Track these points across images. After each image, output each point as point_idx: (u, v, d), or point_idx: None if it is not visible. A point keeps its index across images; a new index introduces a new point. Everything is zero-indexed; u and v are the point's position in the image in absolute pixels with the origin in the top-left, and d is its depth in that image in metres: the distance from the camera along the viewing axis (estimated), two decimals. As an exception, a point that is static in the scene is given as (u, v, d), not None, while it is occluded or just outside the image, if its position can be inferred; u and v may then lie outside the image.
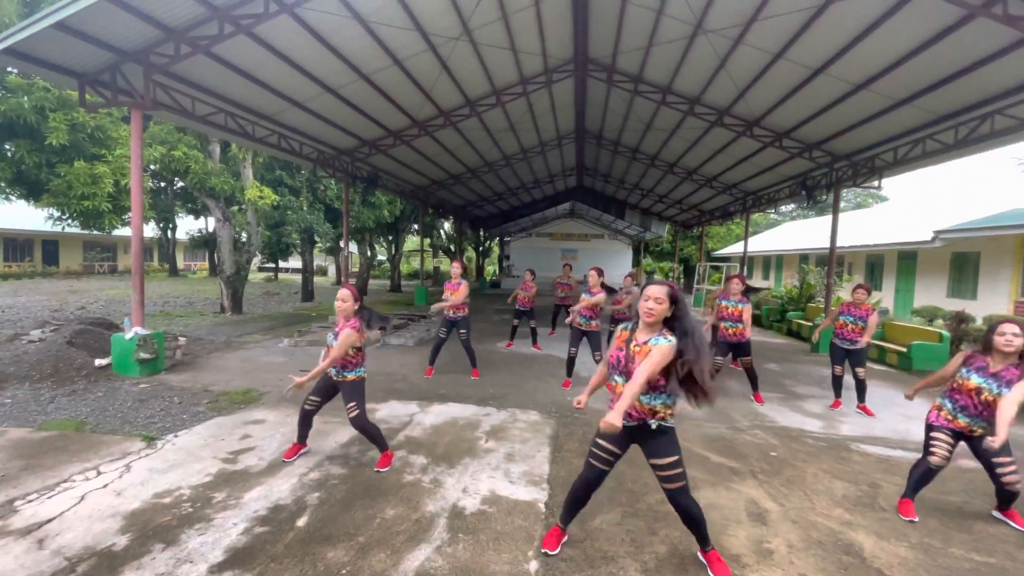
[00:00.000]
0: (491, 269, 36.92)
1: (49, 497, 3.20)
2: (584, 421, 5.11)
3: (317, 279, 27.01)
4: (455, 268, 6.68)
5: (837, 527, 3.24)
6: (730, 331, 5.94)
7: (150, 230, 29.05)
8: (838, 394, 6.11)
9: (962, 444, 3.36)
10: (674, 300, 2.46)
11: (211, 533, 2.89)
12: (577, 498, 2.82)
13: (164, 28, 5.88)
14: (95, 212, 10.18)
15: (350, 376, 3.78)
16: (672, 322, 2.47)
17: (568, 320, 6.51)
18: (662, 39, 8.48)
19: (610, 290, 6.46)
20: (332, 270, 31.20)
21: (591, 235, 30.18)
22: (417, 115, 10.73)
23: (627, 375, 2.48)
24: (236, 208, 13.66)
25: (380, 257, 31.00)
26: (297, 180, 15.29)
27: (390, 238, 23.93)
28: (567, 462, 4.08)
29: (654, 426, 2.53)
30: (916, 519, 3.32)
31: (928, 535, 3.16)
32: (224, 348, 8.31)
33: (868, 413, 5.79)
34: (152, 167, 10.99)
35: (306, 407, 3.86)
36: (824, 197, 11.39)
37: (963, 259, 15.03)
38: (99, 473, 3.56)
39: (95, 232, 14.46)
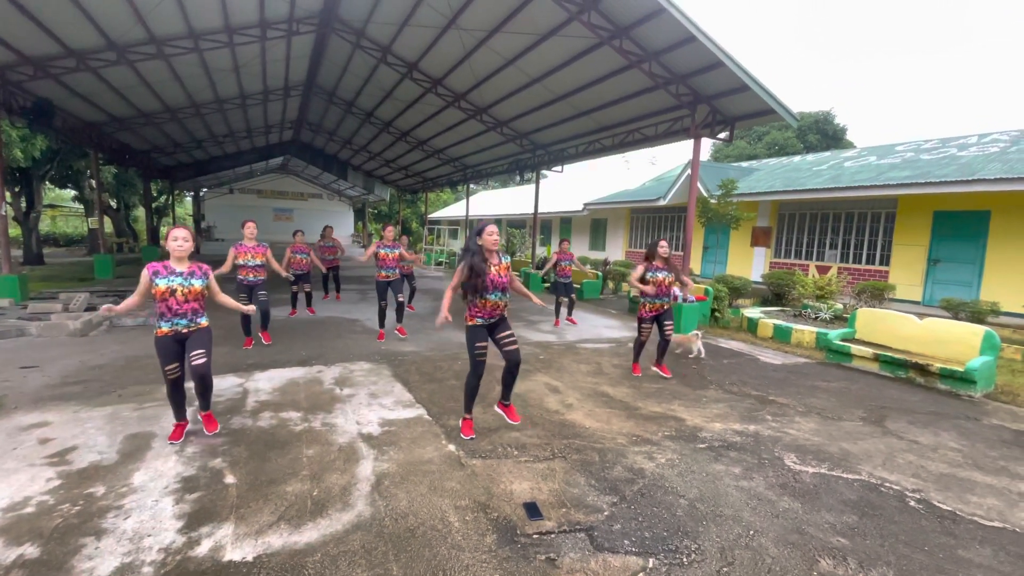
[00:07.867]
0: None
1: None
2: (411, 360, 6.10)
3: None
4: (249, 229, 6.27)
5: (592, 386, 5.42)
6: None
7: None
8: (558, 315, 8.91)
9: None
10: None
11: (139, 514, 2.77)
12: (473, 390, 3.96)
13: None
14: None
15: (204, 322, 3.73)
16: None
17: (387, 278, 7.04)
18: (418, 22, 9.40)
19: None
20: None
21: (308, 194, 28.54)
22: (120, 37, 8.47)
23: (502, 290, 3.83)
24: None
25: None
26: None
27: (17, 189, 16.99)
28: (421, 388, 5.09)
29: (506, 314, 3.99)
30: (640, 374, 5.84)
31: (634, 381, 5.66)
32: None
33: (574, 323, 8.88)
34: None
35: (170, 377, 3.58)
36: (530, 176, 14.75)
37: (598, 223, 21.77)
38: None
39: None
